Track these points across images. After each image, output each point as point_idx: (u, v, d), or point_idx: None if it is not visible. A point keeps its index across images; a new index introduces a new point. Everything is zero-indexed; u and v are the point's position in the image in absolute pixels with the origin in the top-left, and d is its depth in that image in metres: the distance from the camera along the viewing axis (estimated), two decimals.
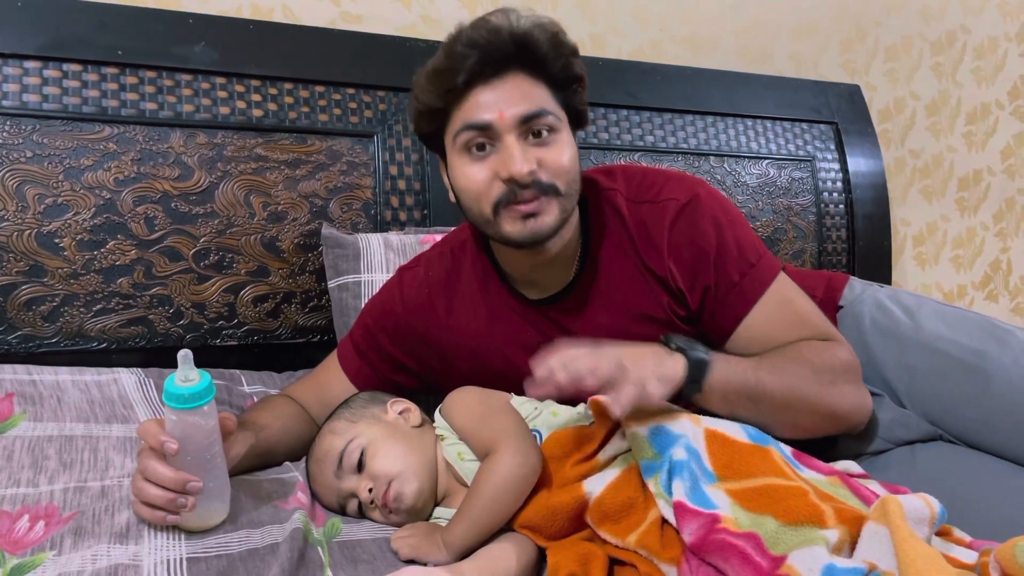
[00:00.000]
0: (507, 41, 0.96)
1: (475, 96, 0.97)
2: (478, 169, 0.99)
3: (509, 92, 0.97)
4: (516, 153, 0.96)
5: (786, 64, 2.25)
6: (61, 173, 1.36)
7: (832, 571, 0.70)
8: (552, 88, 1.00)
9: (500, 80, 0.97)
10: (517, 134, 0.97)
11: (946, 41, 2.49)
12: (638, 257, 1.08)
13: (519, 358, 1.11)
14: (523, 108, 0.96)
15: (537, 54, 0.98)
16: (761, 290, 1.05)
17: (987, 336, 1.09)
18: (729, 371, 0.95)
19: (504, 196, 0.98)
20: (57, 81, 1.38)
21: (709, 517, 0.79)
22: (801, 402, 0.98)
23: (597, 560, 0.85)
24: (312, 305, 1.55)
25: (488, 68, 0.96)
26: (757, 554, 0.75)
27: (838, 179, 2.15)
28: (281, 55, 1.57)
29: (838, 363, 1.02)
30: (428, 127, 1.04)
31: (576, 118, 1.05)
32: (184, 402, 0.82)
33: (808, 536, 0.76)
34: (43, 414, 1.08)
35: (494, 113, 0.96)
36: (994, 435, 1.04)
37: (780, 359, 1.00)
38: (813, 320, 1.07)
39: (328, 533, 0.93)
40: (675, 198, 1.07)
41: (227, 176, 1.48)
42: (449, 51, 0.97)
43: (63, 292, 1.36)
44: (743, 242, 1.06)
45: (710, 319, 1.07)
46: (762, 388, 0.96)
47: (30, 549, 0.81)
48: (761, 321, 1.05)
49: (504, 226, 1.00)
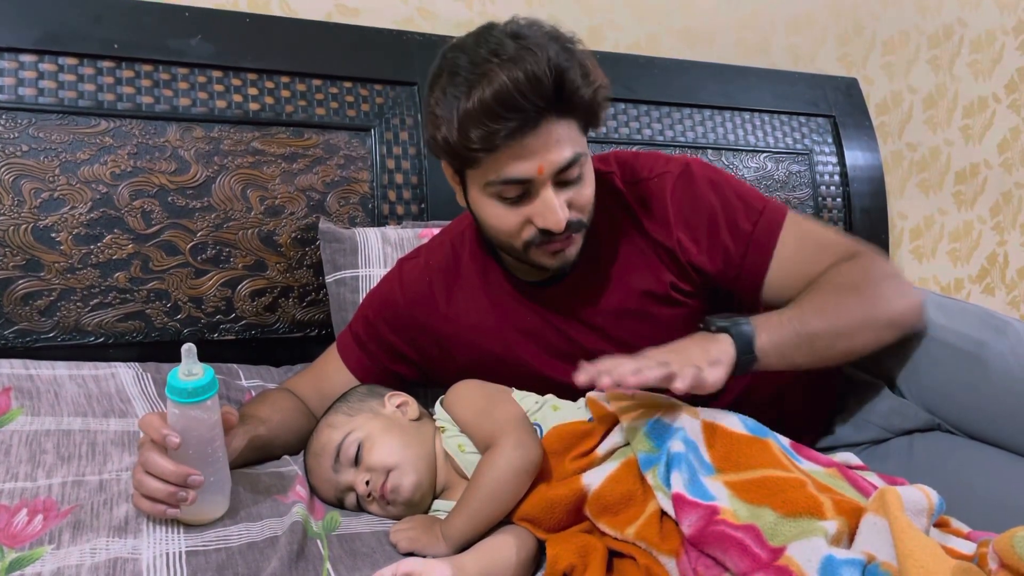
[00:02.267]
0: (548, 97, 0.91)
1: (512, 150, 0.93)
2: (510, 213, 0.98)
3: (544, 140, 0.93)
4: (555, 206, 0.95)
5: (783, 57, 2.25)
6: (57, 167, 1.36)
7: (831, 562, 0.70)
8: (580, 121, 0.98)
9: (536, 131, 0.92)
10: (554, 183, 0.96)
11: (943, 35, 2.49)
12: (641, 234, 1.09)
13: (519, 342, 1.12)
14: (559, 158, 0.94)
15: (574, 100, 0.94)
16: (776, 232, 1.08)
17: (985, 326, 1.09)
18: (775, 330, 0.97)
19: (536, 238, 0.99)
20: (53, 75, 1.38)
21: (708, 509, 0.79)
22: (853, 326, 1.00)
23: (596, 552, 0.85)
24: (310, 299, 1.55)
25: (530, 122, 0.92)
26: (756, 545, 0.75)
27: (835, 172, 2.15)
28: (278, 48, 1.56)
29: (873, 272, 1.04)
30: (452, 162, 1.01)
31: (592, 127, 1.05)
32: (187, 396, 0.82)
33: (807, 527, 0.76)
34: (41, 408, 1.07)
35: (533, 168, 0.94)
36: (992, 424, 1.04)
37: (819, 294, 1.02)
38: (836, 242, 1.09)
39: (327, 526, 0.93)
40: (669, 170, 1.10)
41: (224, 170, 1.48)
42: (488, 110, 0.89)
43: (60, 286, 1.36)
44: (744, 194, 1.10)
45: (737, 277, 1.09)
46: (812, 331, 0.97)
47: (29, 543, 0.81)
48: (787, 260, 1.07)
49: (533, 258, 1.02)
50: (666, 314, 1.10)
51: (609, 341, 1.10)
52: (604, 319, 1.10)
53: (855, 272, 1.04)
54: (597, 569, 0.83)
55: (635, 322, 1.10)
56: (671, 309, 1.10)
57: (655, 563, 0.82)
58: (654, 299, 1.10)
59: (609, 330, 1.10)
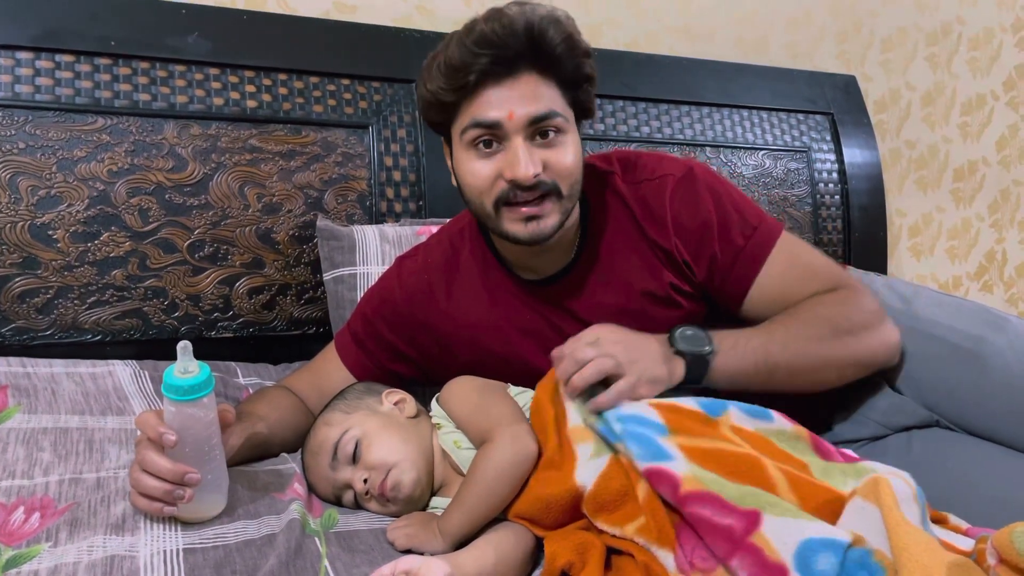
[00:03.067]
0: (521, 39, 0.95)
1: (486, 94, 0.97)
2: (483, 165, 0.99)
3: (520, 91, 0.96)
4: (522, 155, 0.96)
5: (782, 55, 2.25)
6: (54, 164, 1.36)
7: (809, 546, 0.69)
8: (562, 87, 1.00)
9: (512, 79, 0.97)
10: (525, 135, 0.97)
11: (941, 32, 2.49)
12: (641, 235, 1.09)
13: (519, 341, 1.12)
14: (533, 109, 0.96)
15: (551, 55, 0.97)
16: (767, 250, 1.07)
17: (983, 323, 1.09)
18: (735, 360, 0.97)
19: (506, 194, 0.99)
20: (50, 72, 1.38)
21: (671, 480, 0.80)
22: (817, 364, 1.01)
23: (595, 549, 0.85)
24: (307, 297, 1.55)
25: (501, 67, 0.96)
26: (725, 515, 0.75)
27: (834, 170, 2.15)
28: (275, 46, 1.56)
29: (854, 312, 1.04)
30: (436, 117, 1.04)
31: (583, 113, 1.05)
32: (184, 394, 0.81)
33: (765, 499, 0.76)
34: (38, 406, 1.07)
35: (503, 112, 0.96)
36: (990, 420, 1.04)
37: (792, 323, 1.02)
38: (824, 271, 1.09)
39: (325, 524, 0.93)
40: (671, 173, 1.10)
41: (221, 167, 1.48)
42: (462, 45, 0.95)
43: (57, 284, 1.36)
44: (743, 207, 1.09)
45: (721, 286, 1.09)
46: (773, 364, 0.98)
47: (26, 541, 0.81)
48: (772, 280, 1.07)
49: (505, 224, 1.01)
50: (665, 315, 1.10)
51: None
52: (603, 319, 1.09)
53: (834, 307, 1.03)
54: (595, 566, 0.83)
55: (634, 322, 1.09)
56: (670, 310, 1.10)
57: (653, 560, 0.82)
58: (654, 299, 1.10)
59: None
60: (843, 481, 0.83)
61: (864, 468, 0.84)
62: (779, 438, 0.90)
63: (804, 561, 0.69)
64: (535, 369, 1.10)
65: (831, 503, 0.79)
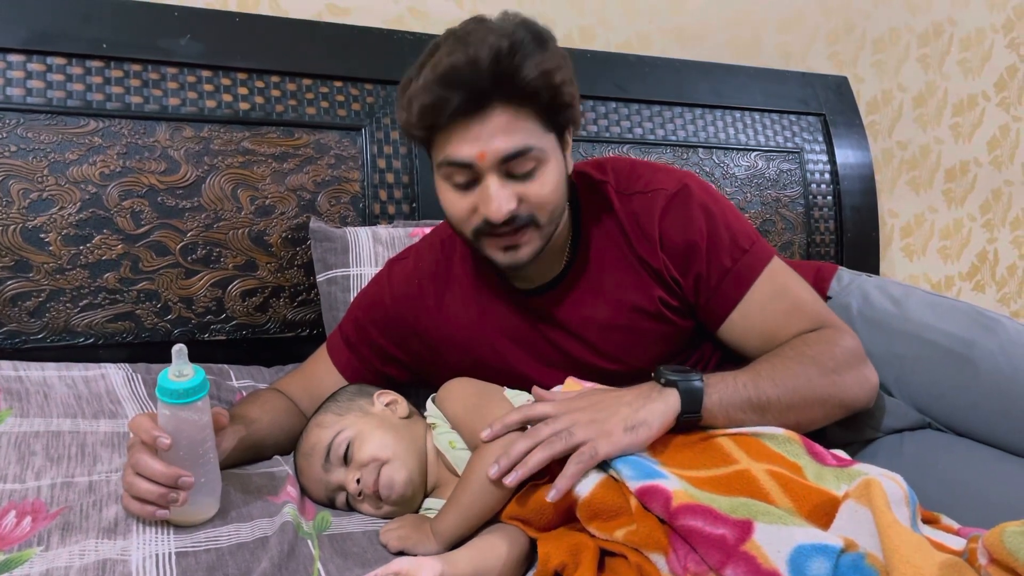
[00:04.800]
0: (487, 78, 0.90)
1: (457, 132, 0.93)
2: (459, 199, 0.98)
3: (492, 128, 0.92)
4: (494, 195, 0.94)
5: (774, 56, 2.25)
6: (46, 167, 1.35)
7: (802, 552, 0.70)
8: (539, 115, 0.95)
9: (482, 115, 0.92)
10: (498, 172, 0.94)
11: (933, 33, 2.50)
12: (630, 249, 1.08)
13: (509, 349, 1.11)
14: (504, 147, 0.93)
15: (523, 89, 0.92)
16: (754, 276, 1.05)
17: (975, 324, 1.10)
18: (727, 391, 0.94)
19: (483, 227, 0.98)
20: (41, 75, 1.37)
21: (663, 495, 0.80)
22: (807, 401, 0.98)
23: (588, 551, 0.85)
24: (301, 299, 1.55)
25: (470, 104, 0.91)
26: (718, 526, 0.75)
27: (826, 171, 2.15)
28: (268, 48, 1.56)
29: (838, 351, 1.02)
30: (415, 142, 1.03)
31: (569, 128, 1.02)
32: (178, 397, 0.81)
33: (757, 508, 0.76)
34: (30, 410, 1.07)
35: (474, 152, 0.93)
36: (982, 422, 1.04)
37: (781, 361, 1.00)
38: (809, 306, 1.07)
39: (318, 526, 0.93)
40: (664, 188, 1.07)
41: (214, 170, 1.47)
42: (427, 87, 0.91)
43: (49, 287, 1.35)
44: (734, 229, 1.07)
45: (705, 306, 1.08)
46: (764, 399, 0.95)
47: (17, 545, 0.81)
48: (755, 307, 1.05)
49: (485, 249, 1.01)
50: (654, 330, 1.09)
51: (597, 353, 1.10)
52: (592, 332, 1.09)
53: (819, 346, 1.01)
54: (588, 567, 0.83)
55: (623, 336, 1.09)
56: (660, 325, 1.09)
57: (645, 561, 0.82)
58: (644, 315, 1.08)
59: (597, 343, 1.10)
60: (836, 485, 0.83)
61: (856, 472, 0.84)
62: (772, 441, 0.90)
63: (798, 567, 0.69)
64: (525, 377, 1.10)
65: (825, 505, 0.80)
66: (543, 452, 0.86)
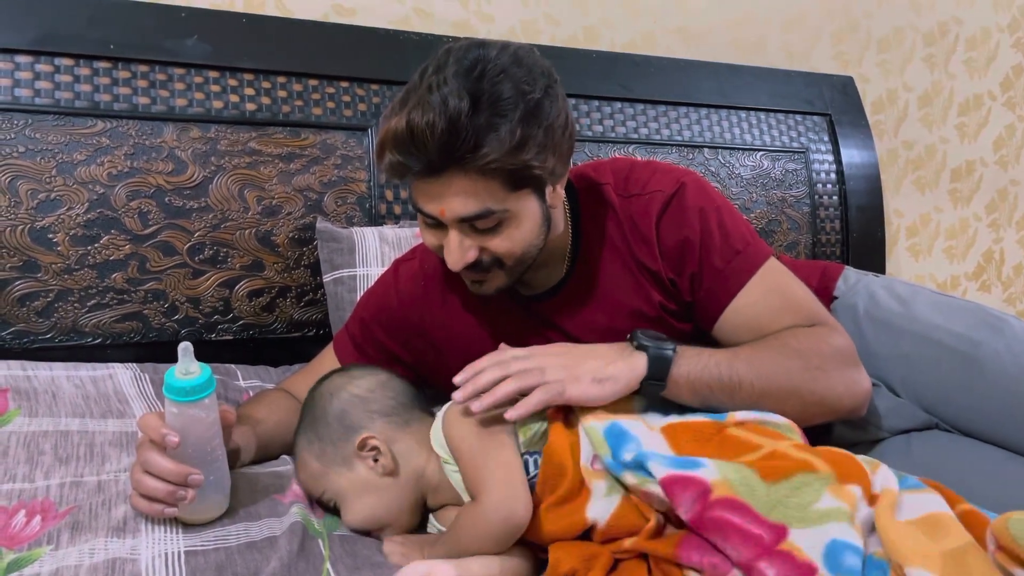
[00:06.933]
0: (442, 151, 0.87)
1: (420, 188, 0.94)
2: (429, 234, 1.00)
3: (452, 191, 0.91)
4: (453, 248, 0.95)
5: (779, 56, 2.25)
6: (54, 168, 1.36)
7: (836, 547, 0.72)
8: (505, 182, 0.92)
9: (440, 179, 0.91)
10: (459, 228, 0.95)
11: (938, 32, 2.50)
12: (630, 254, 1.08)
13: None
14: (462, 211, 0.92)
15: (481, 168, 0.89)
16: (746, 277, 1.04)
17: (981, 324, 1.09)
18: (698, 365, 0.94)
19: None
20: (49, 75, 1.38)
21: (700, 486, 0.79)
22: (783, 391, 0.96)
23: (600, 557, 0.84)
24: (307, 299, 1.55)
25: (429, 170, 0.90)
26: (755, 525, 0.76)
27: (832, 170, 2.15)
28: (274, 49, 1.56)
29: (826, 348, 1.00)
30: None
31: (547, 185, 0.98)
32: (185, 395, 0.82)
33: (803, 481, 0.78)
34: (38, 409, 1.07)
35: (436, 210, 0.94)
36: (989, 423, 1.04)
37: (762, 348, 0.99)
38: (804, 305, 1.06)
39: (329, 525, 0.93)
40: (661, 189, 1.07)
41: (221, 170, 1.48)
42: (391, 146, 0.90)
43: (57, 287, 1.36)
44: (729, 230, 1.06)
45: (697, 306, 1.08)
46: (736, 380, 0.95)
47: (27, 544, 0.81)
48: (748, 307, 1.04)
49: (461, 276, 1.03)
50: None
51: None
52: (594, 336, 1.08)
53: (810, 341, 1.00)
54: (600, 572, 0.83)
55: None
56: (660, 330, 1.07)
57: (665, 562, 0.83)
58: (644, 320, 1.08)
59: None
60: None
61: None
62: (779, 428, 0.91)
63: (833, 560, 0.72)
64: None
65: (859, 467, 0.82)
66: (513, 383, 0.89)
